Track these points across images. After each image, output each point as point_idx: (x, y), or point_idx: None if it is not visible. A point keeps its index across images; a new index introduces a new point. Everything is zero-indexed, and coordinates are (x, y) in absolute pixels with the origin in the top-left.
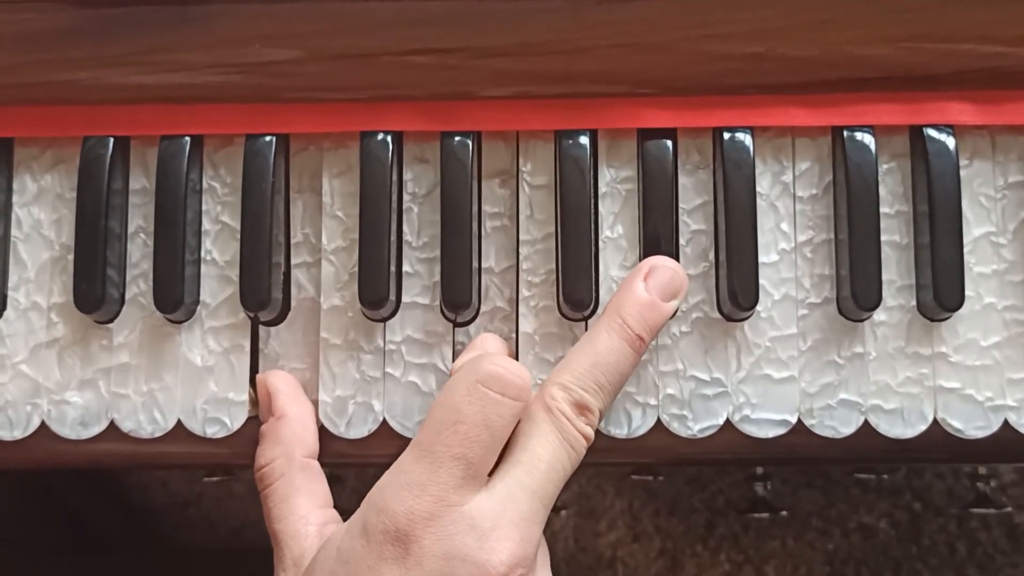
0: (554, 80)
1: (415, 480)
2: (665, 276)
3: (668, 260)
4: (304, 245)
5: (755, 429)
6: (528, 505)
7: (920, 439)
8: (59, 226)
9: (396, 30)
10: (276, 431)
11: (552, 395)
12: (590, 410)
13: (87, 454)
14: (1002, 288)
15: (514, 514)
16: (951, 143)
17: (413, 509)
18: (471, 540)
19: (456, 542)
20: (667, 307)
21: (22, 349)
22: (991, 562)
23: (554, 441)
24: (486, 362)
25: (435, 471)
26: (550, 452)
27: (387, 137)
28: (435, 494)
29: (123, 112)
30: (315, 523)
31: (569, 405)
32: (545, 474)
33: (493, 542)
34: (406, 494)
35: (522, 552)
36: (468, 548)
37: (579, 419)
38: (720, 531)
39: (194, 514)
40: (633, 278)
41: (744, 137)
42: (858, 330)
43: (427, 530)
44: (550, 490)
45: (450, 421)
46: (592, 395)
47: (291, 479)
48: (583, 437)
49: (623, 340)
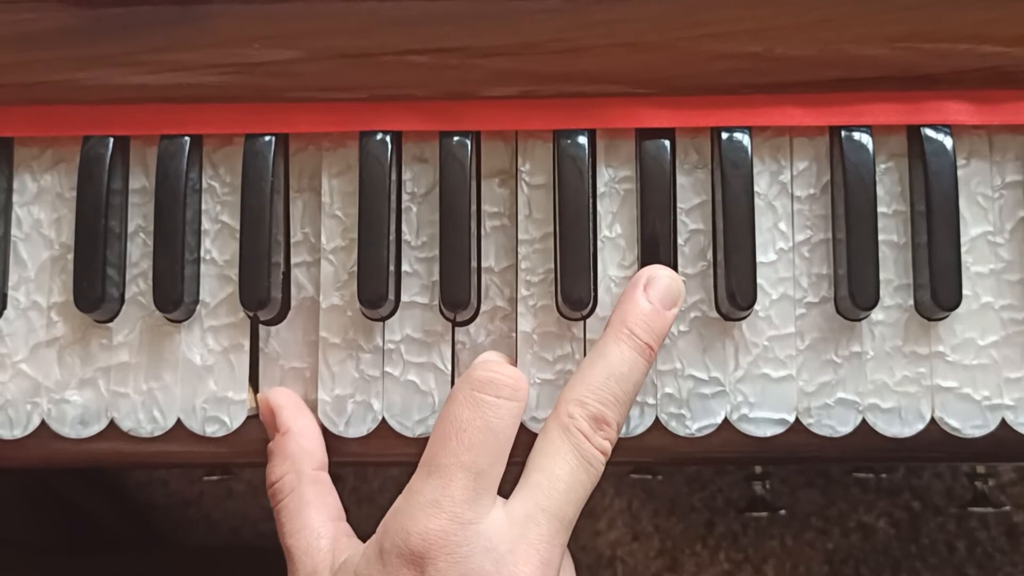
0: (553, 80)
1: (427, 499)
2: (664, 285)
3: (664, 269)
4: (303, 244)
5: (753, 428)
6: (547, 527)
7: (918, 438)
8: (59, 225)
9: (395, 30)
10: (283, 447)
11: (569, 412)
12: (608, 423)
13: (87, 453)
14: (999, 287)
15: (533, 536)
16: (948, 143)
17: (428, 528)
18: (488, 564)
19: (473, 565)
20: (669, 315)
21: (22, 348)
22: (990, 561)
23: (571, 460)
24: (478, 370)
25: (446, 485)
26: (568, 472)
27: (386, 137)
28: (449, 510)
29: (123, 112)
30: (327, 536)
31: (586, 420)
32: (564, 495)
33: (511, 566)
34: (420, 514)
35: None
36: (485, 572)
37: (597, 435)
38: (719, 530)
39: (194, 513)
40: (633, 289)
41: (742, 137)
42: (856, 329)
43: (442, 551)
44: (570, 512)
45: (452, 432)
46: (609, 408)
47: (302, 493)
48: (600, 453)
49: (633, 350)
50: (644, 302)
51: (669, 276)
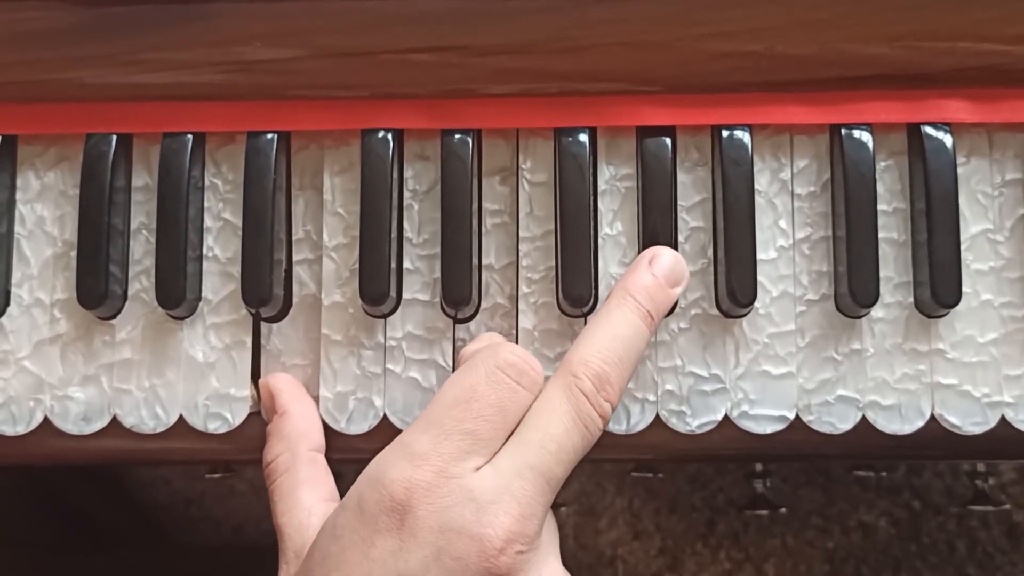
0: (554, 78)
1: (418, 450)
2: (669, 262)
3: (669, 249)
4: (305, 242)
5: (753, 425)
6: (533, 484)
7: (917, 435)
8: (62, 223)
9: (397, 28)
10: (279, 428)
11: (572, 371)
12: (611, 383)
13: (89, 449)
14: (999, 285)
15: (517, 489)
16: (948, 141)
17: (412, 478)
18: (468, 513)
19: (453, 514)
20: (672, 292)
21: (25, 345)
22: (990, 560)
23: (567, 421)
24: (505, 350)
25: (440, 442)
26: (562, 432)
27: (388, 135)
28: (436, 464)
29: (126, 110)
30: (318, 515)
31: (589, 379)
32: (555, 455)
33: (491, 515)
34: (406, 464)
35: (520, 528)
36: (465, 520)
37: (598, 395)
38: (720, 529)
39: (196, 511)
40: (638, 263)
41: (743, 135)
42: (856, 327)
43: (424, 500)
44: (558, 472)
45: (464, 398)
46: (612, 368)
47: (295, 473)
48: (599, 415)
49: (635, 314)
50: (647, 274)
51: (674, 256)
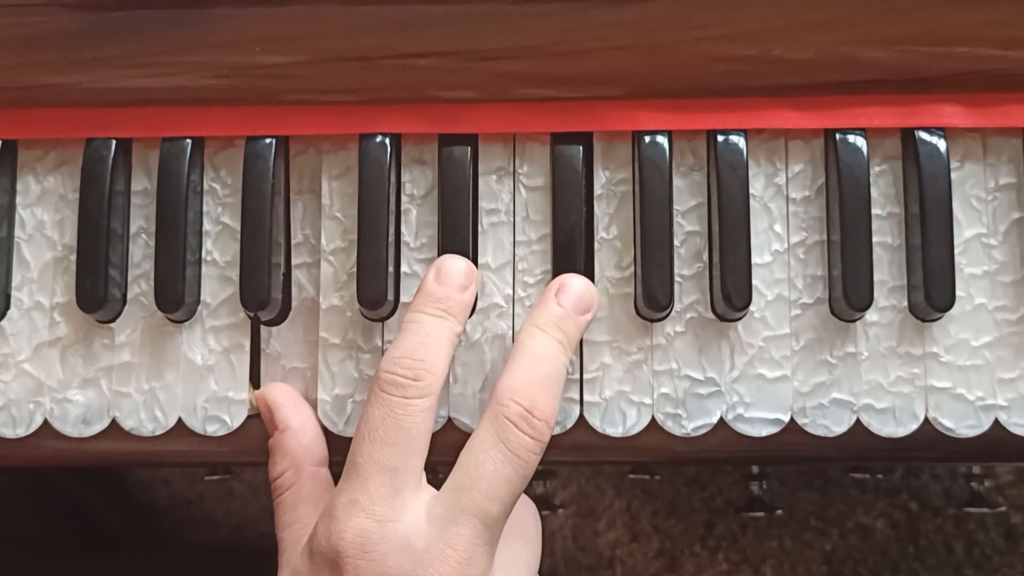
0: (551, 83)
1: (347, 498)
2: (576, 290)
3: (578, 277)
4: (304, 246)
5: (748, 428)
6: (468, 527)
7: (912, 438)
8: (62, 227)
9: (395, 33)
10: (282, 444)
11: (498, 400)
12: (538, 404)
13: (89, 452)
14: (993, 289)
15: (452, 537)
16: (942, 145)
17: (346, 527)
18: (404, 563)
19: (391, 563)
20: (581, 319)
21: (25, 348)
22: (988, 562)
23: (496, 456)
24: (382, 368)
25: (364, 483)
26: (491, 469)
27: (386, 139)
28: (367, 508)
29: (125, 114)
30: None
31: (516, 404)
32: (486, 494)
33: (427, 566)
34: (341, 514)
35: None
36: (402, 571)
37: (528, 419)
38: (718, 531)
39: (196, 512)
40: (545, 294)
41: (738, 139)
42: (850, 330)
43: (360, 549)
44: (495, 510)
45: (366, 431)
46: (537, 387)
47: (299, 489)
48: (532, 439)
49: (547, 342)
50: (555, 306)
51: (582, 283)
